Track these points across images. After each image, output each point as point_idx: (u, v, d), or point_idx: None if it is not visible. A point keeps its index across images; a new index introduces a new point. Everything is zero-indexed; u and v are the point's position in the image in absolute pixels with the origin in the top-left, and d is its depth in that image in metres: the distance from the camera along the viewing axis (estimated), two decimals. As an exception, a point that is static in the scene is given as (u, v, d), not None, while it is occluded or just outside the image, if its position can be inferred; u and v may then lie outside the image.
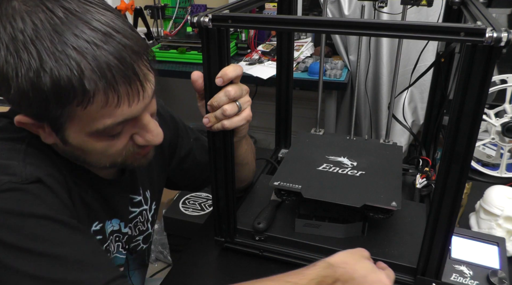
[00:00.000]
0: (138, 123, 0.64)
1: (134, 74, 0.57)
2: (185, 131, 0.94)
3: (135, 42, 0.58)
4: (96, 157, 0.65)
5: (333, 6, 1.88)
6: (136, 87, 0.58)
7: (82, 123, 0.58)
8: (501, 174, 1.22)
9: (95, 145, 0.62)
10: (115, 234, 0.78)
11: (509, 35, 0.51)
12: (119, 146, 0.64)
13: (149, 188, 0.87)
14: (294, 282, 0.64)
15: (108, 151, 0.64)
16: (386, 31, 0.57)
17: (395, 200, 0.76)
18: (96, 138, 0.61)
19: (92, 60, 0.53)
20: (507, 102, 1.21)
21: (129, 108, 0.59)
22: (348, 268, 0.68)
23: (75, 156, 0.65)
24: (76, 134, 0.60)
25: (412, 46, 1.76)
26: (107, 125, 0.58)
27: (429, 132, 1.04)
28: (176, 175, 0.95)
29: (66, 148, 0.64)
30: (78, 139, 0.61)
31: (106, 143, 0.62)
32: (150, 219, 0.89)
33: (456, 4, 0.84)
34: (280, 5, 0.95)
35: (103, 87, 0.54)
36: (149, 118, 0.65)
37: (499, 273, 0.74)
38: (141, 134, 0.65)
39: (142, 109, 0.61)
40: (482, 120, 0.59)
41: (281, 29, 0.89)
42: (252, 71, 1.86)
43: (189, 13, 2.12)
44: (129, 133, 0.64)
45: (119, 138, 0.63)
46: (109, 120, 0.58)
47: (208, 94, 0.71)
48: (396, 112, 1.71)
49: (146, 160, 0.71)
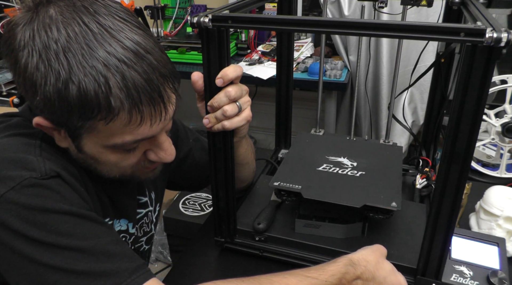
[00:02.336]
0: (154, 142, 0.65)
1: (159, 96, 0.58)
2: (184, 133, 0.94)
3: (163, 65, 0.59)
4: (107, 168, 0.66)
5: (333, 7, 1.88)
6: (160, 109, 0.59)
7: (100, 136, 0.60)
8: (501, 174, 1.22)
9: (109, 156, 0.63)
10: (122, 234, 0.79)
11: (509, 35, 0.51)
12: (132, 160, 0.66)
13: (154, 189, 0.88)
14: (314, 277, 0.65)
15: (120, 164, 0.65)
16: (386, 31, 0.57)
17: (395, 200, 0.76)
18: (111, 151, 0.62)
19: (120, 79, 0.55)
20: (507, 102, 1.21)
21: (150, 128, 0.60)
22: (369, 267, 0.68)
23: (87, 163, 0.66)
24: (92, 144, 0.61)
25: (412, 47, 1.76)
26: (125, 142, 0.60)
27: (429, 133, 1.04)
28: (176, 175, 0.95)
29: (79, 155, 0.64)
30: (93, 150, 0.62)
31: (120, 156, 0.64)
32: (154, 221, 0.89)
33: (456, 5, 0.84)
34: (280, 5, 0.95)
35: (128, 106, 0.56)
36: (165, 137, 0.67)
37: (499, 273, 0.74)
38: (155, 151, 0.67)
39: (161, 129, 0.63)
40: (482, 121, 0.59)
41: (281, 30, 0.89)
42: (252, 72, 1.86)
43: (189, 14, 2.13)
44: (143, 149, 0.66)
45: (134, 153, 0.65)
46: (128, 137, 0.60)
47: (208, 95, 0.71)
48: (396, 113, 1.71)
49: (153, 174, 0.73)
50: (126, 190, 0.78)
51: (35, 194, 0.56)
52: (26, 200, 0.55)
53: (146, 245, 0.89)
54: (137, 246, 0.86)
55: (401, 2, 0.88)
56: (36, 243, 0.55)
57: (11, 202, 0.55)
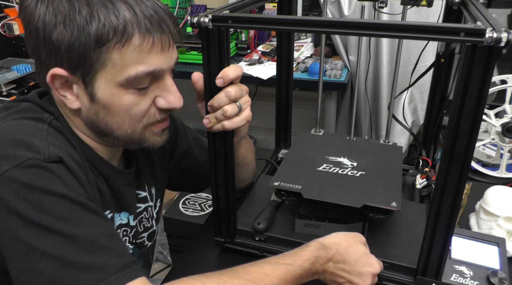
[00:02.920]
0: (162, 85, 0.67)
1: (166, 26, 0.64)
2: (183, 130, 0.95)
3: (166, 7, 0.66)
4: (119, 118, 0.66)
5: (333, 7, 1.88)
6: (167, 37, 0.64)
7: (114, 71, 0.62)
8: (501, 174, 1.22)
9: (121, 99, 0.64)
10: (123, 228, 0.79)
11: (509, 35, 0.51)
12: (143, 106, 0.66)
13: (154, 185, 0.88)
14: (288, 263, 0.66)
15: (132, 110, 0.66)
16: (386, 31, 0.58)
17: (395, 200, 0.76)
18: (124, 90, 0.64)
19: (132, 9, 0.61)
20: (507, 102, 1.21)
21: (160, 55, 0.63)
22: (340, 250, 0.70)
23: (98, 119, 0.67)
24: (106, 85, 0.63)
25: (412, 47, 1.76)
26: (138, 72, 0.62)
27: (429, 133, 1.04)
28: (176, 173, 0.96)
29: (91, 109, 0.66)
30: (107, 93, 0.64)
31: (133, 99, 0.65)
32: (155, 216, 0.89)
33: (456, 5, 0.84)
34: (280, 5, 0.95)
35: (140, 29, 0.61)
36: (172, 81, 0.68)
37: (499, 273, 0.74)
38: (163, 96, 0.68)
39: (168, 65, 0.66)
40: (482, 121, 0.59)
41: (281, 30, 0.89)
42: (252, 72, 1.87)
43: (189, 14, 2.12)
44: (153, 95, 0.67)
45: (145, 96, 0.66)
46: (141, 67, 0.62)
47: (208, 95, 0.71)
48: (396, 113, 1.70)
49: (160, 140, 0.73)
50: (126, 180, 0.78)
51: (36, 175, 0.57)
52: (26, 179, 0.56)
53: (148, 241, 0.89)
54: (140, 241, 0.86)
55: (401, 2, 0.88)
56: (30, 223, 0.55)
57: (11, 179, 0.56)
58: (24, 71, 1.70)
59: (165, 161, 0.92)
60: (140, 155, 0.84)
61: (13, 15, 1.71)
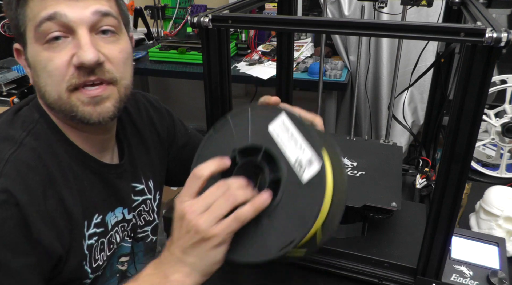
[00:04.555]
0: (76, 41, 0.64)
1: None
2: (180, 123, 0.96)
3: None
4: (42, 79, 0.65)
5: (333, 7, 1.88)
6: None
7: (31, 26, 0.63)
8: (501, 174, 1.22)
9: (39, 55, 0.64)
10: (120, 224, 0.78)
11: (509, 35, 0.51)
12: (57, 62, 0.63)
13: (152, 177, 0.87)
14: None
15: (47, 67, 0.64)
16: (386, 31, 0.58)
17: (395, 200, 0.76)
18: (40, 46, 0.64)
19: None
20: (507, 102, 1.21)
21: (59, 2, 0.62)
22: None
23: (35, 85, 0.67)
24: (30, 45, 0.65)
25: (412, 47, 1.76)
26: (41, 18, 0.62)
27: (429, 133, 1.04)
28: (176, 166, 0.96)
29: (31, 76, 0.67)
30: (31, 52, 0.65)
31: (47, 54, 0.64)
32: (156, 209, 0.89)
33: (456, 5, 0.84)
34: (280, 5, 0.95)
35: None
36: (87, 36, 0.64)
37: (499, 273, 0.74)
38: (77, 52, 0.64)
39: (78, 15, 0.63)
40: (482, 121, 0.59)
41: (281, 30, 0.89)
42: (252, 72, 1.87)
43: (189, 14, 2.13)
44: (70, 52, 0.64)
45: (59, 52, 0.64)
46: (43, 12, 0.62)
47: (208, 95, 0.71)
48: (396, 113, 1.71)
49: (95, 111, 0.66)
50: (119, 174, 0.77)
51: None
52: None
53: (153, 235, 0.89)
54: (143, 235, 0.86)
55: (401, 2, 0.88)
56: None
57: None
58: (24, 71, 1.69)
59: (164, 153, 0.92)
60: (135, 147, 0.83)
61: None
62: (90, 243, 0.71)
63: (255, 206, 0.56)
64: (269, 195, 0.56)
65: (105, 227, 0.74)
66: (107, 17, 0.65)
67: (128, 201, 0.80)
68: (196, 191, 0.58)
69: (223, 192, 0.57)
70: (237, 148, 0.60)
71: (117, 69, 0.67)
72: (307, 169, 0.56)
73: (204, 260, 0.57)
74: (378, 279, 0.75)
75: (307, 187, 0.56)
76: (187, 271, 0.58)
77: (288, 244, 0.55)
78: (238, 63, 1.99)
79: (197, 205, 0.57)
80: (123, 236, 0.80)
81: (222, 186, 0.57)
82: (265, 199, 0.56)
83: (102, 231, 0.73)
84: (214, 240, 0.56)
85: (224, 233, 0.56)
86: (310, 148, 0.57)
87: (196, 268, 0.58)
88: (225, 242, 0.57)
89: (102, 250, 0.74)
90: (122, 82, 0.68)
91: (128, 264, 0.84)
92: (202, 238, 0.56)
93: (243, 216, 0.55)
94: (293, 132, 0.59)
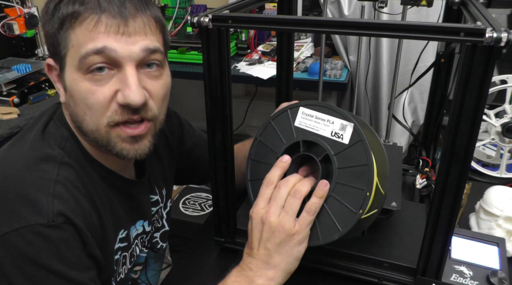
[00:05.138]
0: (122, 76, 0.62)
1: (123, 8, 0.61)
2: (188, 125, 0.96)
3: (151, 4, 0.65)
4: (80, 109, 0.64)
5: (333, 6, 1.88)
6: (119, 21, 0.61)
7: (73, 53, 0.62)
8: (501, 174, 1.22)
9: (79, 85, 0.62)
10: (140, 236, 0.80)
11: (509, 35, 0.51)
12: (99, 96, 0.62)
13: (164, 186, 0.88)
14: None
15: (88, 99, 0.62)
16: (386, 31, 0.57)
17: (395, 200, 0.76)
18: (82, 75, 0.62)
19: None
20: (507, 102, 1.21)
21: (114, 37, 0.61)
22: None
23: (71, 111, 0.66)
24: (70, 70, 0.63)
25: (412, 47, 1.76)
26: (88, 49, 0.60)
27: (429, 133, 1.04)
28: (184, 168, 0.96)
29: (66, 99, 0.66)
30: (70, 79, 0.63)
31: (88, 86, 0.62)
32: (165, 216, 0.89)
33: (456, 5, 0.84)
34: (280, 5, 0.95)
35: (91, 9, 0.61)
36: (133, 73, 0.63)
37: (499, 273, 0.74)
38: (122, 89, 0.62)
39: (127, 51, 0.61)
40: (482, 121, 0.59)
41: (281, 29, 0.89)
42: (252, 71, 1.87)
43: (189, 13, 2.12)
44: (113, 87, 0.63)
45: (102, 86, 0.62)
46: (90, 44, 0.60)
47: (208, 95, 0.71)
48: (396, 113, 1.71)
49: (132, 148, 0.67)
50: (140, 189, 0.78)
51: (33, 245, 0.57)
52: (23, 247, 0.57)
53: (162, 241, 0.89)
54: (154, 241, 0.87)
55: (401, 2, 0.88)
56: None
57: (9, 243, 0.57)
58: (24, 71, 1.70)
59: (172, 158, 0.92)
60: (150, 159, 0.83)
61: (13, 15, 1.71)
62: (116, 258, 0.72)
63: (319, 195, 0.65)
64: (326, 182, 0.66)
65: (128, 241, 0.75)
66: (155, 53, 0.64)
67: (148, 214, 0.81)
68: (269, 197, 0.67)
69: (288, 191, 0.66)
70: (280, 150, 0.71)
71: (158, 105, 0.67)
72: (344, 133, 0.66)
73: (290, 257, 0.65)
74: (378, 279, 0.75)
75: (351, 150, 0.65)
76: (270, 275, 0.65)
77: (363, 200, 0.64)
78: (238, 63, 1.99)
79: (274, 208, 0.66)
80: (142, 248, 0.81)
81: (284, 185, 0.66)
82: (325, 186, 0.66)
83: (126, 245, 0.74)
84: (298, 235, 0.65)
85: (304, 227, 0.65)
86: (337, 117, 0.66)
87: (281, 268, 0.65)
88: (307, 236, 0.66)
89: (124, 263, 0.75)
90: (160, 118, 0.69)
91: (141, 272, 0.84)
92: (287, 235, 0.65)
93: (313, 208, 0.65)
94: (317, 115, 0.68)
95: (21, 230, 0.57)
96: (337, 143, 0.66)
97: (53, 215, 0.58)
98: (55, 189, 0.61)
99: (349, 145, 0.66)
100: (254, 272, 0.66)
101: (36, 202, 0.59)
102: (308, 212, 0.65)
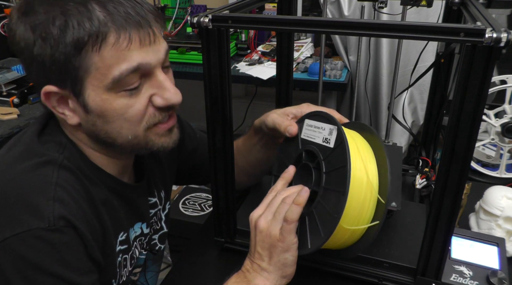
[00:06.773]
0: (154, 82, 0.64)
1: (143, 20, 0.61)
2: (189, 127, 0.95)
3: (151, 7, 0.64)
4: (116, 125, 0.64)
5: (333, 7, 1.88)
6: (146, 32, 0.61)
7: (99, 75, 0.59)
8: (500, 175, 1.22)
9: (113, 104, 0.62)
10: (139, 239, 0.80)
11: (509, 35, 0.51)
12: (138, 107, 0.63)
13: (163, 188, 0.88)
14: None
15: (127, 114, 0.63)
16: (386, 31, 0.58)
17: (395, 200, 0.76)
18: (114, 94, 0.61)
19: (108, 11, 0.58)
20: (506, 102, 1.21)
21: (142, 50, 0.60)
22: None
23: (97, 130, 0.65)
24: (95, 92, 0.61)
25: (412, 47, 1.76)
26: (122, 70, 0.59)
27: (429, 133, 1.04)
28: (185, 170, 0.96)
29: (88, 121, 0.64)
30: (97, 100, 0.61)
31: (125, 101, 0.62)
32: (164, 218, 0.89)
33: (456, 5, 0.84)
34: (280, 5, 0.95)
35: (114, 27, 0.58)
36: (164, 76, 0.65)
37: (499, 273, 0.74)
38: (159, 93, 0.65)
39: (155, 59, 0.63)
40: (481, 121, 0.59)
41: (281, 30, 0.89)
42: (252, 72, 1.87)
43: (189, 14, 2.13)
44: (148, 94, 0.64)
45: (138, 97, 0.63)
46: (124, 65, 0.59)
47: (208, 95, 0.71)
48: (396, 113, 1.71)
49: (170, 140, 0.70)
50: (139, 193, 0.78)
51: (35, 249, 0.57)
52: (25, 251, 0.56)
53: (161, 243, 0.89)
54: (153, 243, 0.87)
55: (401, 2, 0.88)
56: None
57: (11, 248, 0.56)
58: (24, 72, 1.70)
59: (173, 161, 0.92)
60: (149, 162, 0.83)
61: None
62: (118, 261, 0.72)
63: (297, 202, 0.66)
64: (306, 189, 0.67)
65: (128, 243, 0.75)
66: (167, 54, 0.67)
67: (146, 216, 0.81)
68: (268, 203, 0.70)
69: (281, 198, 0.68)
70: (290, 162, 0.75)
71: None
72: (331, 138, 0.68)
73: (279, 263, 0.67)
74: (378, 279, 0.75)
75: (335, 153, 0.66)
76: (266, 276, 0.67)
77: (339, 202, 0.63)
78: (238, 63, 1.99)
79: (266, 213, 0.69)
80: (141, 250, 0.81)
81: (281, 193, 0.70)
82: (304, 193, 0.67)
83: (126, 247, 0.74)
84: (281, 242, 0.66)
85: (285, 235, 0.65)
86: (326, 123, 0.70)
87: (273, 272, 0.67)
88: (292, 244, 0.66)
89: (125, 266, 0.75)
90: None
91: (140, 274, 0.85)
92: (274, 241, 0.66)
93: (290, 216, 0.65)
94: (315, 124, 0.72)
95: (23, 235, 0.56)
96: (326, 148, 0.69)
97: (54, 218, 0.58)
98: (56, 192, 0.60)
99: (334, 148, 0.67)
100: (251, 273, 0.69)
101: (37, 206, 0.58)
102: (285, 220, 0.66)
